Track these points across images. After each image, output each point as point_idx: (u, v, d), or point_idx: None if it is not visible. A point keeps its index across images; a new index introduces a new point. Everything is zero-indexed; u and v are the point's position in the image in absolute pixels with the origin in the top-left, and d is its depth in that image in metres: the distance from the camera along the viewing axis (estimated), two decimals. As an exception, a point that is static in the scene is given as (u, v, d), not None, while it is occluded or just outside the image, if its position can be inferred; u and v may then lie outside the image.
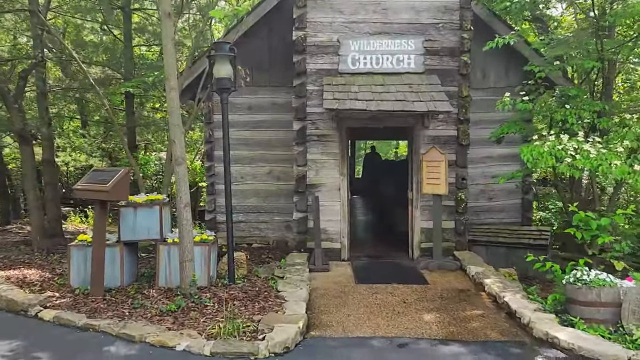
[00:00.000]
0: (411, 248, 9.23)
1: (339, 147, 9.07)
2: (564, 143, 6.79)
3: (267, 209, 10.99)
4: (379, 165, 16.15)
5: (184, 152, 6.41)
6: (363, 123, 9.13)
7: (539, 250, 9.49)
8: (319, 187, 9.12)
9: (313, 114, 9.09)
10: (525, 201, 10.85)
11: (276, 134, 10.82)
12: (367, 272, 8.42)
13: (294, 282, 7.36)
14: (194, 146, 19.66)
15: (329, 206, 9.12)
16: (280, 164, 10.85)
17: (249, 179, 10.96)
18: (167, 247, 7.14)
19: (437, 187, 8.53)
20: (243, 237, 11.02)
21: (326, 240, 9.13)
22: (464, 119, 8.96)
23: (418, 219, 9.09)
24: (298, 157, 9.09)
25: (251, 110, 10.89)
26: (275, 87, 10.76)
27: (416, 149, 9.07)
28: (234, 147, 10.77)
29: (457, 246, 9.12)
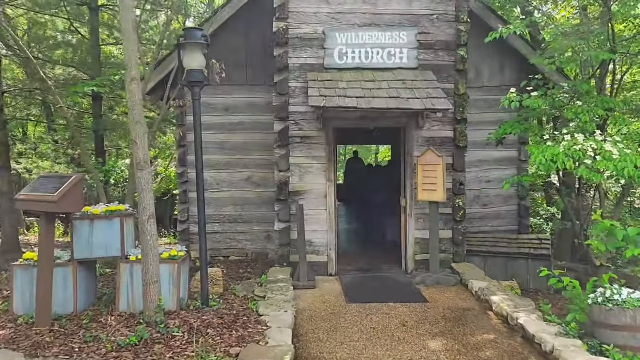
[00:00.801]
0: (405, 260, 8.27)
1: (326, 150, 8.08)
2: (581, 143, 5.93)
3: (246, 218, 9.94)
4: (365, 170, 15.20)
5: (148, 155, 5.33)
6: (352, 123, 8.16)
7: (541, 260, 8.67)
8: (303, 194, 8.10)
9: (296, 113, 8.09)
10: (522, 207, 10.00)
11: (255, 137, 9.82)
12: (358, 288, 7.42)
13: (277, 304, 6.32)
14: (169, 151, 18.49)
15: (314, 215, 8.11)
16: (259, 169, 9.83)
17: (225, 186, 9.90)
18: (129, 265, 6.03)
19: (433, 194, 7.59)
20: (219, 249, 9.94)
21: (312, 253, 8.11)
22: (461, 118, 8.05)
23: (412, 228, 8.14)
24: (280, 162, 8.07)
25: (228, 112, 9.85)
26: (253, 86, 9.77)
27: (410, 151, 8.12)
28: (209, 151, 9.73)
29: (455, 258, 8.19)
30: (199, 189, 6.36)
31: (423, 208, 8.10)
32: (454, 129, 8.11)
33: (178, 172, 9.94)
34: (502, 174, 9.96)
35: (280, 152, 8.06)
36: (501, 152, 9.90)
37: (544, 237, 9.11)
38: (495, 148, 9.74)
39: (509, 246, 9.00)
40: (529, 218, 10.23)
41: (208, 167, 9.80)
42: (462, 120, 8.07)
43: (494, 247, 9.05)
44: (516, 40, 9.38)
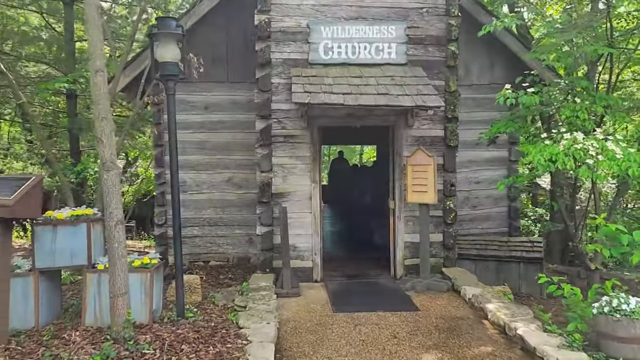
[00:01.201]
0: (393, 265, 7.81)
1: (310, 149, 7.59)
2: (581, 142, 5.53)
3: (227, 221, 9.41)
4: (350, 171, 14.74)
5: (115, 154, 4.79)
6: (337, 122, 7.69)
7: (533, 264, 8.31)
8: (286, 196, 7.61)
9: (279, 111, 7.59)
10: (512, 209, 9.63)
11: (237, 136, 9.30)
12: (345, 296, 6.95)
13: (259, 314, 5.81)
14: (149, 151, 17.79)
15: (298, 218, 7.62)
16: (241, 170, 9.31)
17: (205, 188, 9.36)
18: (96, 275, 5.48)
19: (424, 195, 7.16)
20: (198, 253, 9.40)
21: (296, 259, 7.62)
22: (452, 116, 7.63)
23: (401, 231, 7.69)
24: (262, 162, 7.57)
25: (207, 110, 9.32)
26: (235, 83, 9.25)
27: (398, 151, 7.67)
28: (188, 151, 9.21)
29: (446, 262, 7.76)
30: (174, 190, 5.84)
31: (412, 210, 7.67)
32: (444, 128, 7.68)
33: (155, 173, 9.38)
34: (492, 174, 9.59)
35: (262, 152, 7.56)
36: (491, 152, 9.52)
37: (535, 240, 8.74)
38: (485, 148, 9.38)
39: (500, 249, 8.61)
40: (519, 220, 9.86)
41: (187, 168, 9.28)
42: (453, 119, 7.65)
43: (484, 250, 8.65)
44: (506, 37, 9.01)
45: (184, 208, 9.28)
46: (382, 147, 14.98)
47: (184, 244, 9.40)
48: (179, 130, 9.32)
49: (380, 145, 15.59)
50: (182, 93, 9.22)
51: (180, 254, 5.87)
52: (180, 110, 9.22)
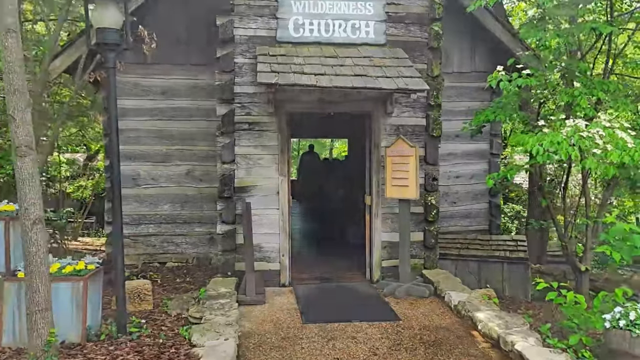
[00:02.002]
0: (369, 267, 6.97)
1: (278, 138, 6.67)
2: (585, 130, 4.78)
3: (186, 218, 8.41)
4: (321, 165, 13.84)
5: (31, 136, 3.76)
6: (309, 108, 6.78)
7: (517, 264, 7.60)
8: (251, 190, 6.67)
9: (243, 95, 6.64)
10: (493, 205, 8.93)
11: (199, 125, 8.31)
12: (316, 303, 6.07)
13: (216, 328, 4.87)
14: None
15: (264, 215, 6.70)
16: (202, 162, 8.32)
17: (162, 181, 8.33)
18: (16, 285, 4.45)
19: (404, 190, 6.33)
20: (154, 254, 8.37)
21: (261, 260, 6.69)
22: (434, 104, 6.82)
23: (378, 230, 6.85)
24: (223, 152, 6.60)
25: (165, 95, 8.28)
26: (196, 66, 8.25)
27: (376, 141, 6.82)
28: (142, 140, 8.19)
29: (427, 263, 6.97)
30: (114, 182, 4.83)
31: (391, 207, 6.84)
32: (426, 116, 6.87)
33: (105, 165, 8.29)
34: (473, 168, 8.87)
35: (224, 141, 6.60)
36: (471, 144, 8.80)
37: (519, 239, 8.03)
38: (466, 141, 8.66)
39: (482, 248, 7.87)
40: (500, 217, 9.17)
41: (141, 159, 8.26)
42: (435, 106, 6.84)
43: (465, 249, 7.90)
44: (490, 22, 8.26)
45: (137, 203, 8.28)
46: (354, 141, 14.15)
47: (137, 243, 8.42)
48: (133, 118, 8.33)
49: (352, 139, 14.77)
50: (136, 76, 8.21)
51: (122, 257, 4.86)
52: (134, 95, 8.23)
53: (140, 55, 8.16)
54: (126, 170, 8.23)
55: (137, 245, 8.37)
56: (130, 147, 8.24)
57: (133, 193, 8.30)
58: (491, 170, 8.84)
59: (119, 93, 8.15)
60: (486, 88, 6.45)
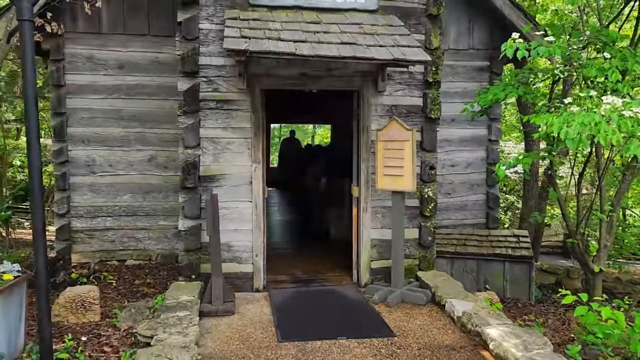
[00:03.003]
0: (357, 268, 5.98)
1: (251, 119, 5.59)
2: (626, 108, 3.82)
3: (149, 210, 7.31)
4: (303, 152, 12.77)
5: None
6: (287, 83, 5.69)
7: (521, 263, 6.71)
8: (219, 179, 5.60)
9: (210, 67, 5.53)
10: (491, 197, 7.99)
11: (162, 105, 7.20)
12: (295, 313, 5.05)
13: (169, 352, 3.82)
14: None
15: (234, 208, 5.64)
16: (167, 146, 7.21)
17: (121, 168, 7.21)
18: None
19: (399, 181, 5.32)
20: (112, 251, 7.27)
21: (231, 261, 5.65)
22: (433, 81, 5.80)
23: (367, 226, 5.84)
24: (186, 135, 5.50)
25: (123, 70, 7.13)
26: (158, 37, 7.14)
27: (365, 124, 5.79)
28: (97, 122, 7.09)
29: (422, 264, 5.99)
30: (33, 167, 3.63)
31: (382, 199, 5.84)
32: (423, 95, 5.85)
33: (53, 150, 7.11)
34: (469, 156, 7.91)
35: (187, 122, 5.49)
36: (468, 130, 7.84)
37: (521, 234, 7.14)
38: (462, 126, 7.75)
39: (481, 245, 6.96)
40: (498, 209, 8.24)
41: (97, 143, 7.13)
42: (434, 84, 5.83)
43: (462, 246, 6.97)
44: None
45: (93, 193, 7.15)
46: (338, 127, 13.11)
47: (93, 238, 7.28)
48: (86, 95, 7.16)
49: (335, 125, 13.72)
50: (90, 48, 7.04)
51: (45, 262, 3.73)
52: (87, 70, 7.07)
53: (95, 23, 7.05)
54: (80, 155, 7.11)
55: (93, 241, 7.25)
56: (83, 129, 7.10)
57: (88, 182, 7.16)
58: (489, 158, 7.91)
59: (69, 67, 7.04)
60: (500, 57, 5.45)
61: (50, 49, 6.91)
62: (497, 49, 7.65)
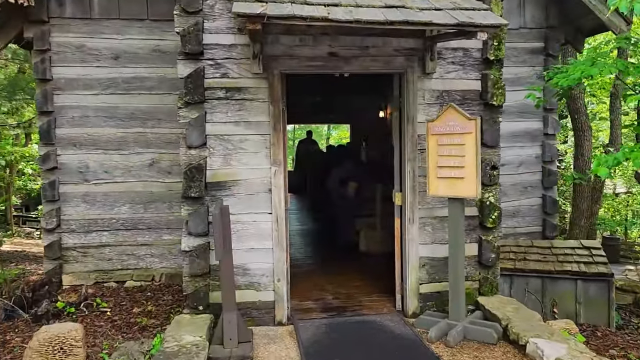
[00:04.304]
0: (402, 293, 4.74)
1: (269, 111, 4.40)
2: None
3: (151, 222, 6.17)
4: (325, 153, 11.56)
5: None
6: (311, 65, 4.47)
7: (597, 282, 5.40)
8: (230, 186, 4.41)
9: (216, 47, 4.35)
10: (549, 201, 6.70)
11: (164, 100, 6.06)
12: (329, 357, 3.83)
13: None
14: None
15: (251, 223, 4.45)
16: (171, 149, 6.06)
17: (118, 175, 6.08)
18: None
19: (458, 184, 4.08)
20: (109, 270, 6.13)
21: (247, 288, 4.45)
22: (495, 59, 4.55)
23: (415, 241, 4.61)
24: (189, 132, 4.32)
25: (119, 61, 6.01)
26: (159, 22, 6.05)
27: (410, 114, 4.56)
28: (91, 121, 6.02)
29: (483, 287, 4.73)
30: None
31: (432, 208, 4.61)
32: (482, 77, 4.61)
33: (40, 154, 5.99)
34: (521, 153, 6.65)
35: (189, 115, 4.31)
36: (519, 122, 6.59)
37: (592, 246, 5.83)
38: (511, 117, 6.45)
39: (544, 259, 5.67)
40: (557, 215, 6.94)
41: (90, 146, 6.03)
42: (495, 62, 4.57)
43: (522, 260, 5.70)
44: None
45: (87, 204, 6.03)
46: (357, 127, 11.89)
47: (87, 256, 6.10)
48: (77, 91, 6.04)
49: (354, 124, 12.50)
50: (81, 35, 5.95)
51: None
52: (78, 61, 5.96)
53: (85, 7, 5.93)
54: (70, 161, 6.01)
55: (87, 259, 6.11)
56: (74, 130, 5.99)
57: (81, 191, 6.04)
58: (545, 155, 6.64)
59: (56, 59, 5.92)
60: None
61: (34, 38, 5.81)
62: (553, 27, 6.49)
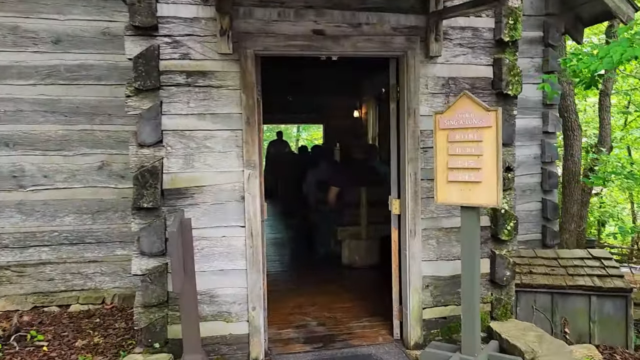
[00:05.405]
0: (400, 319, 3.94)
1: (242, 100, 3.53)
2: None
3: (101, 235, 5.19)
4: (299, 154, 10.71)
5: None
6: (292, 45, 3.61)
7: (614, 297, 4.75)
8: (193, 194, 3.52)
9: (175, 20, 3.46)
10: (549, 206, 6.05)
11: (114, 92, 5.12)
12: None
13: None
14: None
15: (219, 239, 3.56)
16: (124, 149, 5.08)
17: (61, 180, 5.08)
18: None
19: (474, 190, 3.31)
20: (51, 292, 5.13)
21: (215, 319, 3.56)
22: (509, 40, 3.82)
23: (417, 257, 3.81)
24: (140, 126, 3.40)
25: (61, 46, 5.03)
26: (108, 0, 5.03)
27: (410, 106, 3.76)
28: (27, 116, 4.99)
29: (496, 310, 3.99)
30: None
31: (437, 218, 3.83)
32: (494, 62, 3.87)
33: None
34: (519, 153, 5.86)
35: (141, 105, 3.40)
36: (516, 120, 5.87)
37: (601, 255, 5.18)
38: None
39: (553, 272, 4.97)
40: (557, 221, 6.31)
41: (26, 146, 5.05)
42: (510, 45, 3.85)
43: (528, 274, 4.98)
44: None
45: (22, 215, 5.02)
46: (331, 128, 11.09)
47: (24, 276, 5.04)
48: (9, 81, 4.98)
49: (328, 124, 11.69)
50: (14, 14, 4.95)
51: None
52: (10, 45, 4.94)
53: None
54: (2, 163, 5.01)
55: (24, 280, 5.09)
56: (7, 127, 4.99)
57: (15, 199, 5.02)
58: (545, 155, 5.99)
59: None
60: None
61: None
62: (553, 15, 5.85)
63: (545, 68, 5.82)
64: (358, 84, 9.73)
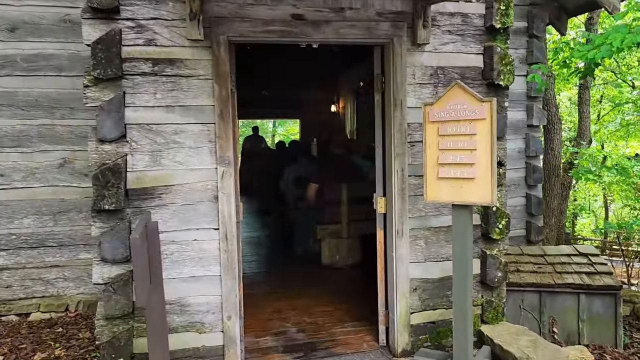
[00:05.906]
0: (386, 324, 3.68)
1: (215, 90, 3.20)
2: None
3: (63, 238, 4.80)
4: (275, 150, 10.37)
5: None
6: (269, 31, 3.30)
7: (604, 295, 4.61)
8: (160, 194, 3.18)
9: (138, 2, 3.10)
10: (533, 201, 5.89)
11: (75, 84, 4.71)
12: None
13: None
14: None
15: (189, 242, 3.23)
16: (87, 145, 4.67)
17: (19, 179, 4.67)
18: None
19: (467, 187, 3.06)
20: (8, 300, 4.72)
21: (186, 330, 3.24)
22: (501, 27, 3.57)
23: (404, 259, 3.55)
24: (100, 119, 3.05)
25: (17, 34, 4.60)
26: (70, -15, 4.63)
27: (396, 96, 3.49)
28: None
29: (486, 313, 3.76)
30: None
31: (424, 217, 3.58)
32: (484, 50, 3.62)
33: None
34: (503, 148, 5.77)
35: (101, 97, 3.04)
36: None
37: (589, 252, 5.04)
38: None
39: (541, 270, 4.80)
40: (542, 217, 6.15)
41: (-22, 142, 4.55)
42: (501, 32, 3.60)
43: (515, 272, 4.80)
44: None
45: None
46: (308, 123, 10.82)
47: (-22, 284, 4.69)
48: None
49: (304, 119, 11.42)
50: (-39, -2, 4.46)
51: None
52: (-43, 32, 4.48)
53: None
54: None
55: (-22, 287, 4.66)
56: (-43, 121, 4.52)
57: (-30, 200, 4.58)
58: (530, 149, 5.83)
59: None
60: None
61: None
62: (537, 4, 5.67)
63: (530, 59, 5.65)
64: (335, 78, 9.46)
